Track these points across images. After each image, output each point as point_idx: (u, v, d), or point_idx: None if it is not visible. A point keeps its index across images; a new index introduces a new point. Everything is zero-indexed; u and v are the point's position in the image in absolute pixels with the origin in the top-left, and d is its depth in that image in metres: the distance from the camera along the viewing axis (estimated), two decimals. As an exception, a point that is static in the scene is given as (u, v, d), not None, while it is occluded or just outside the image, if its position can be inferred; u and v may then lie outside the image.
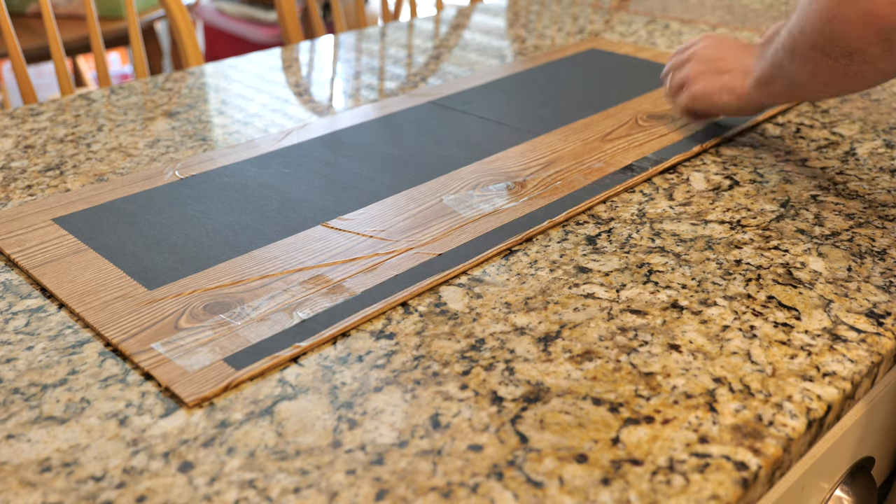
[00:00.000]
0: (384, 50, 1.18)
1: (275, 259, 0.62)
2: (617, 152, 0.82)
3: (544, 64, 1.10)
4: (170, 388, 0.49)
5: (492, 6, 1.42)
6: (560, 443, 0.46)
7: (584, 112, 0.92)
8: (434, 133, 0.87)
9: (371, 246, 0.64)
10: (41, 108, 0.95)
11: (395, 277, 0.60)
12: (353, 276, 0.60)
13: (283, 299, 0.57)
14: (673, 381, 0.50)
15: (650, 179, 0.77)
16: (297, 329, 0.54)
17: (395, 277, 0.60)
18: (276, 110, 0.95)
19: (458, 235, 0.66)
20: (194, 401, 0.48)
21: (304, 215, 0.69)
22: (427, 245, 0.64)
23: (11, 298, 0.59)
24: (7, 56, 1.66)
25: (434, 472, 0.44)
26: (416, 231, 0.66)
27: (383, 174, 0.77)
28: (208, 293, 0.58)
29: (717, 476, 0.44)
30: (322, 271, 0.61)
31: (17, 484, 0.43)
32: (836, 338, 0.54)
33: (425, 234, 0.66)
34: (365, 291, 0.58)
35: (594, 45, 1.18)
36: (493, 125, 0.89)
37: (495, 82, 1.03)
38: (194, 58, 1.22)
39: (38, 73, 2.46)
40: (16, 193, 0.75)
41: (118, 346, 0.53)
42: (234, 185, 0.75)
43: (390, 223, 0.68)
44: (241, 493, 0.42)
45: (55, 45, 1.08)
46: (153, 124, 0.91)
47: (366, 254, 0.63)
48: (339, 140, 0.85)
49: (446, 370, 0.51)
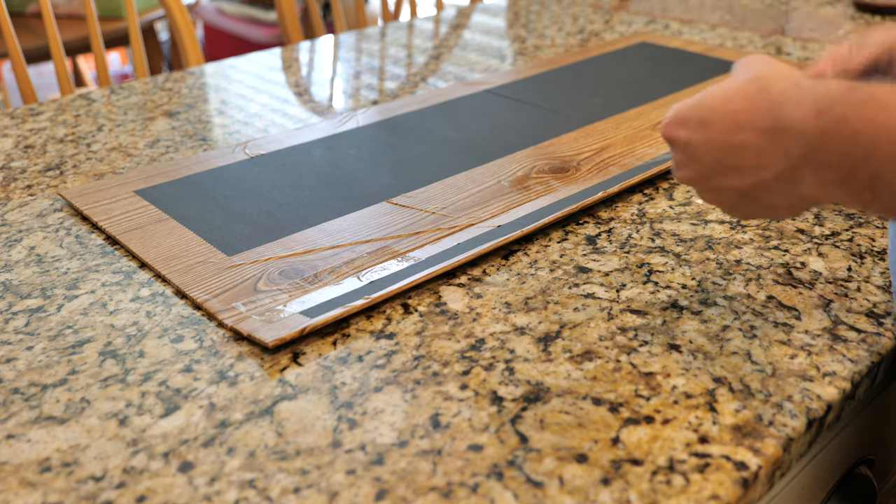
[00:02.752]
0: (384, 50, 1.18)
1: (343, 231, 0.67)
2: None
3: (595, 56, 1.13)
4: (252, 336, 0.53)
5: (492, 6, 1.42)
6: (560, 443, 0.46)
7: (636, 102, 0.95)
8: (490, 120, 0.90)
9: (433, 221, 0.68)
10: (41, 108, 0.95)
11: (458, 245, 0.64)
12: (418, 247, 0.64)
13: (353, 266, 0.62)
14: (673, 381, 0.50)
15: (651, 179, 0.77)
16: (366, 288, 0.58)
17: (457, 245, 0.64)
18: (276, 110, 0.95)
19: (516, 211, 0.70)
20: (275, 342, 0.52)
21: (370, 192, 0.73)
22: (487, 221, 0.68)
23: (11, 298, 0.59)
24: (7, 56, 1.66)
25: (434, 472, 0.44)
26: (476, 209, 0.70)
27: (443, 156, 0.81)
28: (283, 260, 0.62)
29: (717, 476, 0.44)
30: (388, 243, 0.65)
31: (17, 484, 0.43)
32: (836, 338, 0.54)
33: (485, 211, 0.70)
34: (430, 257, 0.62)
35: (644, 38, 1.21)
36: (546, 113, 0.92)
37: (546, 73, 1.06)
38: (194, 58, 1.22)
39: (38, 73, 2.46)
40: (16, 193, 0.75)
41: (202, 305, 0.57)
42: (301, 163, 0.79)
43: (451, 201, 0.72)
44: (241, 493, 0.42)
45: (55, 45, 1.08)
46: (153, 124, 0.91)
47: (428, 228, 0.67)
48: (399, 125, 0.89)
49: (446, 370, 0.51)
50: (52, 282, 0.61)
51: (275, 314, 0.55)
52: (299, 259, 0.62)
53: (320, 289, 0.58)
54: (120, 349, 0.54)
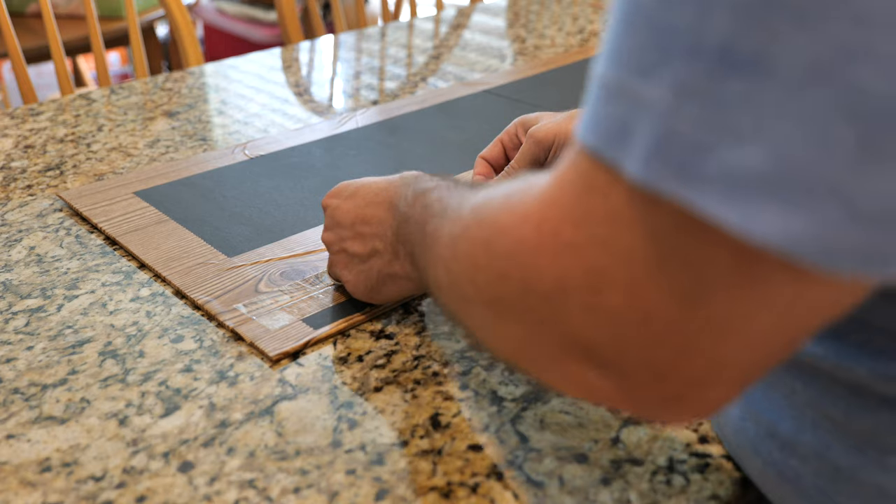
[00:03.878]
0: (384, 50, 1.18)
1: None
2: None
3: (595, 56, 1.12)
4: (254, 345, 0.53)
5: (492, 6, 1.42)
6: (560, 443, 0.46)
7: None
8: (490, 120, 0.90)
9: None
10: (41, 108, 0.95)
11: None
12: None
13: None
14: (673, 381, 0.50)
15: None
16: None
17: None
18: (276, 110, 0.95)
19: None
20: (277, 355, 0.52)
21: None
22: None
23: (11, 298, 0.59)
24: (7, 56, 1.66)
25: (434, 472, 0.44)
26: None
27: (443, 156, 0.81)
28: (284, 261, 0.62)
29: (717, 476, 0.44)
30: None
31: (17, 484, 0.43)
32: (836, 338, 0.54)
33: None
34: None
35: None
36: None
37: (546, 73, 1.06)
38: (194, 58, 1.22)
39: (38, 73, 2.46)
40: (16, 193, 0.75)
41: (203, 307, 0.57)
42: (301, 164, 0.79)
43: None
44: (241, 493, 0.42)
45: (55, 45, 1.08)
46: (153, 124, 0.91)
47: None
48: (399, 125, 0.89)
49: (446, 370, 0.51)
50: (52, 282, 0.61)
51: (276, 319, 0.55)
52: (300, 260, 0.62)
53: (322, 290, 0.58)
54: (120, 349, 0.54)
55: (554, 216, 0.29)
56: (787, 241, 0.24)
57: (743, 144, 0.24)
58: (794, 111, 0.23)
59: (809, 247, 0.24)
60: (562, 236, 0.28)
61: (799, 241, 0.24)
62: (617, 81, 0.27)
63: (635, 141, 0.26)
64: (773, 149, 0.23)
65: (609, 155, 0.27)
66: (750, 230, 0.24)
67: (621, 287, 0.27)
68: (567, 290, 0.29)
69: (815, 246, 0.24)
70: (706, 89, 0.24)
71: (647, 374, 0.29)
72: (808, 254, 0.24)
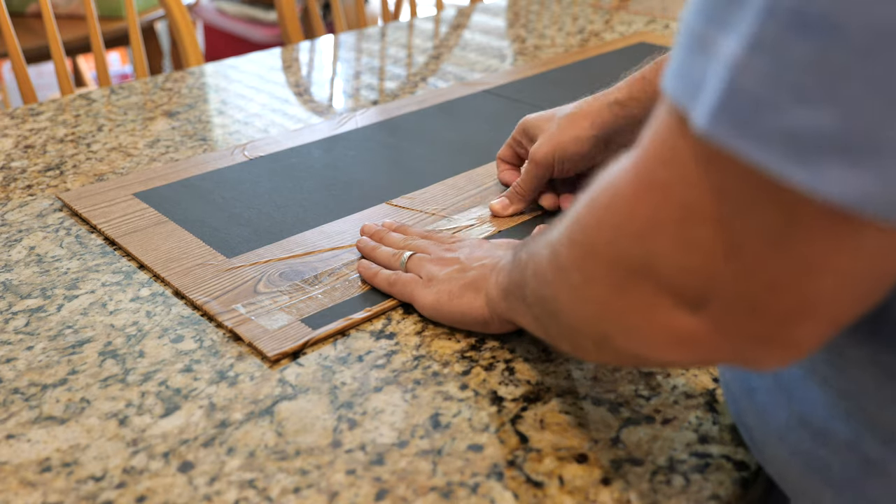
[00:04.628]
0: (384, 50, 1.18)
1: (343, 233, 0.66)
2: None
3: (595, 56, 1.13)
4: (252, 345, 0.53)
5: (492, 6, 1.42)
6: (560, 443, 0.46)
7: None
8: (489, 120, 0.90)
9: (433, 222, 0.68)
10: (41, 108, 0.95)
11: None
12: None
13: (353, 267, 0.61)
14: (673, 381, 0.50)
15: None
16: (367, 294, 0.58)
17: None
18: (276, 110, 0.95)
19: (517, 214, 0.70)
20: (276, 355, 0.52)
21: (369, 194, 0.73)
22: (487, 223, 0.68)
23: (11, 298, 0.59)
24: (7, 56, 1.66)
25: (434, 472, 0.44)
26: (475, 209, 0.70)
27: (442, 157, 0.81)
28: (283, 262, 0.62)
29: (717, 476, 0.43)
30: None
31: (17, 484, 0.43)
32: (836, 338, 0.54)
33: (485, 212, 0.70)
34: None
35: (644, 38, 1.21)
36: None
37: (546, 73, 1.06)
38: (194, 58, 1.21)
39: (38, 73, 2.46)
40: (16, 193, 0.74)
41: (203, 307, 0.57)
42: (301, 165, 0.79)
43: (451, 202, 0.72)
44: (241, 493, 0.42)
45: (55, 45, 1.08)
46: (153, 124, 0.91)
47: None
48: (399, 125, 0.89)
49: (446, 370, 0.51)
50: (52, 282, 0.61)
51: (275, 319, 0.55)
52: (299, 261, 0.62)
53: (321, 291, 0.58)
54: (120, 349, 0.53)
55: (647, 158, 0.31)
56: (854, 199, 0.25)
57: (810, 104, 0.24)
58: (863, 74, 0.24)
59: (878, 204, 0.25)
60: (654, 174, 0.30)
61: (866, 198, 0.25)
62: (700, 31, 0.28)
63: (706, 91, 0.27)
64: (841, 110, 0.24)
65: (683, 104, 0.28)
66: (816, 188, 0.25)
67: (710, 221, 0.29)
68: (658, 225, 0.30)
69: (883, 202, 0.25)
70: (777, 47, 0.25)
71: (738, 310, 0.30)
72: (878, 210, 0.25)
